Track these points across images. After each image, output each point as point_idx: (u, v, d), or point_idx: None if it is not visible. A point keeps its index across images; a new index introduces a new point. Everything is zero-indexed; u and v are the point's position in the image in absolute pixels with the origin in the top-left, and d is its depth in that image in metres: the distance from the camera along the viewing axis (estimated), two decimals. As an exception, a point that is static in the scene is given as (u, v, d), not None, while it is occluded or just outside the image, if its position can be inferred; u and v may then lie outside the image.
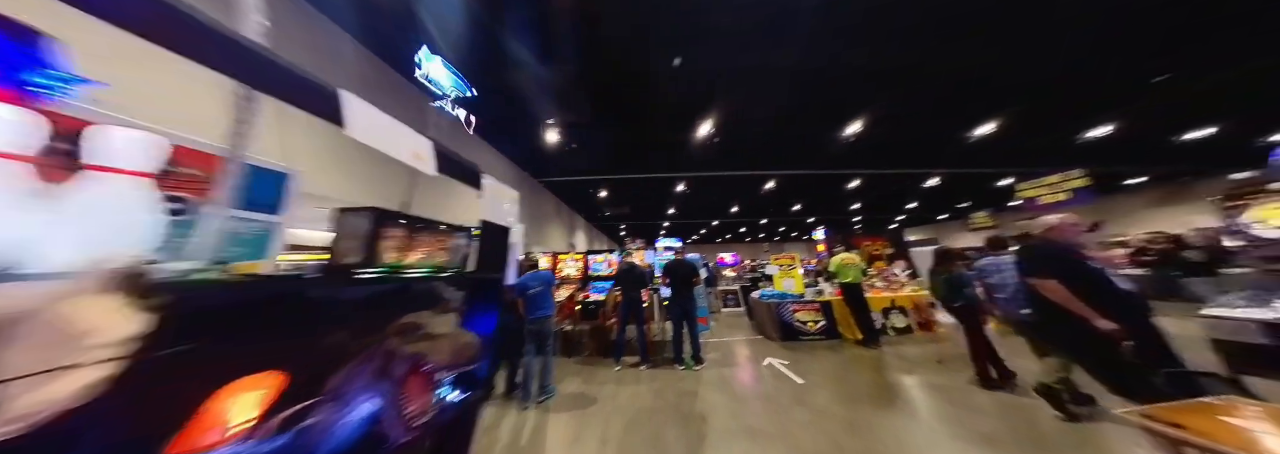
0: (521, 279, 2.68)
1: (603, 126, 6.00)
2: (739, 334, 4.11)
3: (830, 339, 3.64)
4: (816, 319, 3.73)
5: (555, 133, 6.07)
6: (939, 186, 9.90)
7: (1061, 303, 1.70)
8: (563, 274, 4.43)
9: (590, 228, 14.49)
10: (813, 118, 5.18)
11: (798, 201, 12.36)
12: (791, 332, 3.66)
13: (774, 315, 3.75)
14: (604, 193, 10.14)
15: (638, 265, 3.30)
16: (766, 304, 3.87)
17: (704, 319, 4.04)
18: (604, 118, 5.69)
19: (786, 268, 4.20)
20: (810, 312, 3.77)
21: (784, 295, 3.99)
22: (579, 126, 5.99)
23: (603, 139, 6.57)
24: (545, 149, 6.75)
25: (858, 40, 3.29)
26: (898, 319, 3.88)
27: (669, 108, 5.35)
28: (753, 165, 8.18)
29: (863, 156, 6.92)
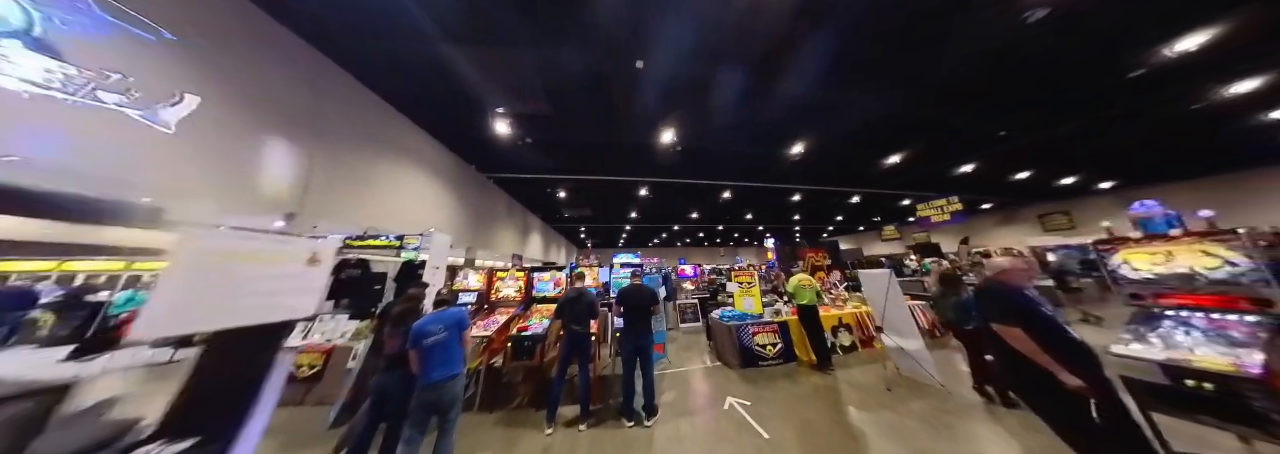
0: (419, 323, 1.91)
1: (562, 122, 5.24)
2: (697, 360, 3.72)
3: (787, 362, 3.43)
4: (774, 342, 3.50)
5: (506, 125, 5.15)
6: (859, 204, 11.12)
7: (1026, 353, 1.53)
8: (500, 295, 3.61)
9: (547, 230, 13.34)
10: (761, 136, 5.60)
11: (750, 211, 12.77)
12: (751, 357, 3.36)
13: (734, 339, 3.43)
14: (563, 194, 9.24)
15: (586, 293, 2.69)
16: (727, 326, 3.54)
17: (661, 346, 3.57)
18: (564, 114, 4.95)
19: (746, 286, 3.94)
20: (769, 334, 3.53)
21: (744, 316, 3.71)
22: (535, 120, 5.15)
23: (563, 137, 5.79)
24: (496, 142, 5.75)
25: (791, 76, 3.69)
26: (845, 337, 3.84)
27: (632, 111, 4.82)
28: (711, 175, 8.07)
29: (803, 174, 7.78)
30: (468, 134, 5.57)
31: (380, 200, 4.38)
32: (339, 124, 3.83)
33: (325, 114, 3.66)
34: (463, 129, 5.38)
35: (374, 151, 4.33)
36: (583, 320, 2.59)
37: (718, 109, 4.77)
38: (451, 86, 4.03)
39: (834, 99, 4.28)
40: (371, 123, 4.28)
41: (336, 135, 3.79)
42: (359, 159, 4.06)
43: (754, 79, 3.90)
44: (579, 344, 2.53)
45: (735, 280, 4.08)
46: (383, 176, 4.46)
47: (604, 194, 9.58)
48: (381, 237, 3.31)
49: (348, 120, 3.93)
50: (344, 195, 3.86)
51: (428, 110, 4.86)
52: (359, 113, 4.09)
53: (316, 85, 3.59)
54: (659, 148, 6.17)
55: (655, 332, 3.44)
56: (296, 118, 3.32)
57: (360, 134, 4.10)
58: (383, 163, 4.48)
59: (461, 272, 3.61)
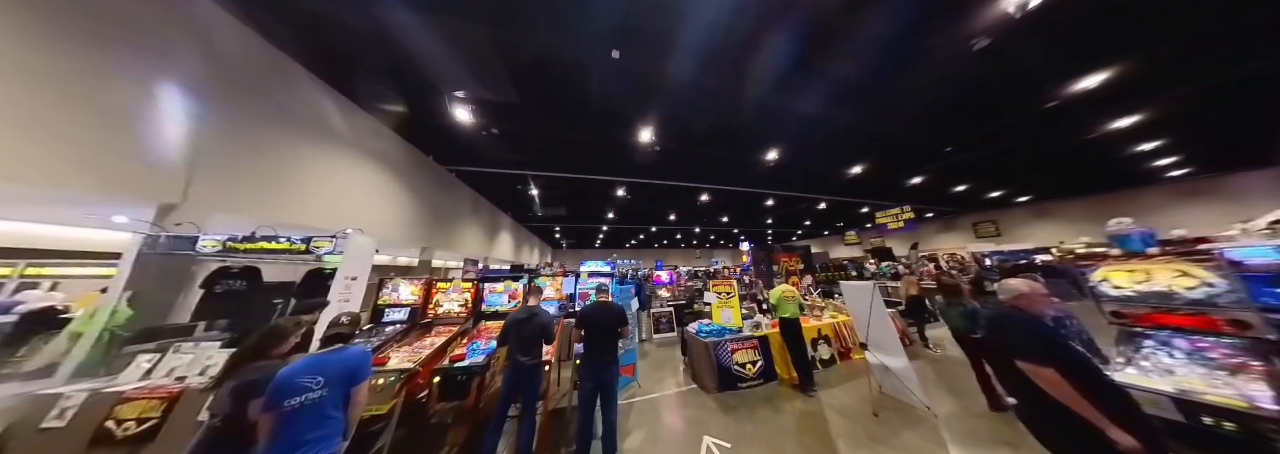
0: (287, 372, 1.26)
1: (532, 113, 4.57)
2: (670, 382, 3.27)
3: (768, 382, 3.09)
4: (754, 359, 3.15)
5: (468, 112, 4.37)
6: (825, 210, 11.54)
7: (1063, 400, 1.23)
8: (439, 311, 2.92)
9: (519, 230, 12.35)
10: (739, 141, 5.54)
11: (726, 214, 12.73)
12: (730, 379, 2.98)
13: (712, 358, 3.03)
14: (535, 191, 8.45)
15: (539, 313, 2.13)
16: (704, 343, 3.13)
17: (630, 368, 3.08)
18: (534, 104, 4.29)
19: (725, 296, 3.58)
20: (748, 350, 3.18)
21: (722, 331, 3.32)
22: (500, 109, 4.43)
23: (532, 129, 5.10)
24: (457, 132, 4.93)
25: (769, 84, 3.68)
26: (824, 350, 3.60)
27: (607, 105, 4.30)
28: (689, 177, 7.78)
29: (777, 180, 7.90)
30: (423, 120, 4.69)
31: (306, 193, 3.46)
32: (244, 95, 2.91)
33: (224, 81, 2.74)
34: (416, 114, 4.51)
35: (296, 133, 3.39)
36: (531, 348, 2.02)
37: (697, 110, 4.43)
38: (397, 61, 3.25)
39: (806, 110, 4.34)
40: (292, 98, 3.35)
41: (240, 110, 2.87)
42: (274, 141, 3.15)
43: (733, 83, 3.70)
44: (524, 379, 1.97)
45: (714, 290, 3.70)
46: (310, 164, 3.52)
47: (579, 193, 8.92)
48: (280, 238, 2.49)
49: (257, 92, 3.01)
50: (253, 185, 2.95)
51: (369, 87, 3.97)
52: (273, 84, 3.17)
53: (213, 42, 2.68)
54: (637, 147, 5.69)
55: (626, 350, 2.95)
56: (173, 75, 2.42)
57: (276, 111, 3.18)
58: (308, 148, 3.55)
59: (389, 283, 2.86)
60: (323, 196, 3.67)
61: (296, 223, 3.23)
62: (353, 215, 4.12)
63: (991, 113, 4.70)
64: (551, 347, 2.27)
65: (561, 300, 3.15)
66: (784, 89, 3.86)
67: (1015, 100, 4.36)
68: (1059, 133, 5.39)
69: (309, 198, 3.48)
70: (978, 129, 5.26)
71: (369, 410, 1.92)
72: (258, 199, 2.98)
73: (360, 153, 4.35)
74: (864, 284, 2.84)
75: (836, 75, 3.60)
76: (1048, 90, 4.07)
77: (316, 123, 3.66)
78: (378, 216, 4.80)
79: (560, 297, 3.17)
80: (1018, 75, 3.74)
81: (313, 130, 3.60)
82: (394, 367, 2.12)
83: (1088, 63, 3.52)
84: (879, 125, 5.01)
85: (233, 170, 2.80)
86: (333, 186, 3.83)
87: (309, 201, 3.47)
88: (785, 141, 5.66)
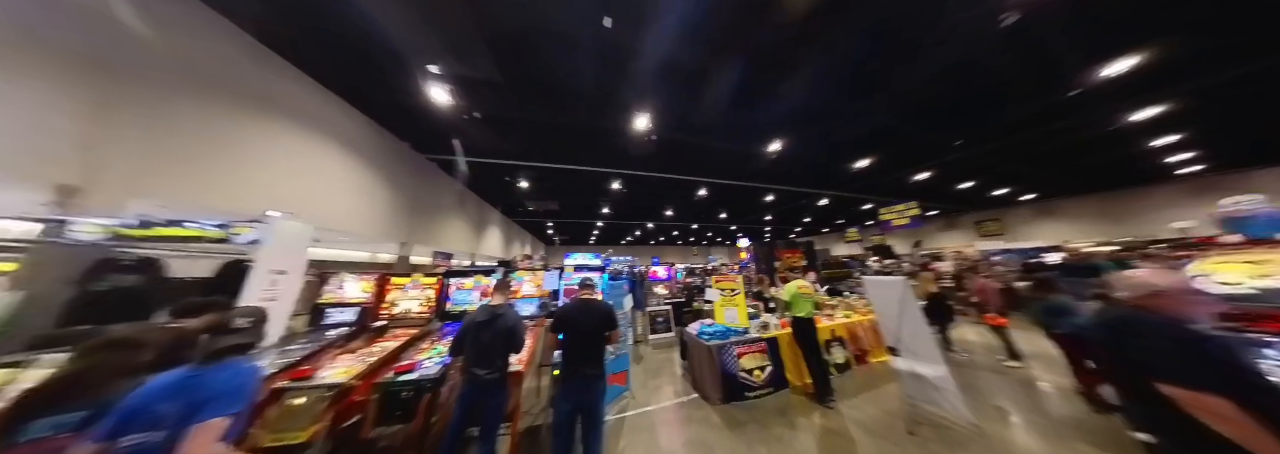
0: (138, 396, 0.80)
1: (517, 94, 4.08)
2: (667, 390, 2.85)
3: (778, 390, 2.69)
4: (763, 365, 2.74)
5: (446, 91, 3.87)
6: (827, 206, 11.20)
7: (1241, 443, 0.83)
8: (394, 311, 2.46)
9: (509, 225, 11.84)
10: (739, 132, 5.05)
11: (724, 210, 12.33)
12: (736, 387, 2.56)
13: (715, 364, 2.61)
14: (525, 183, 7.95)
15: (504, 314, 1.69)
16: (706, 346, 2.71)
17: (621, 376, 2.65)
18: (518, 83, 3.81)
19: (729, 294, 3.17)
20: (756, 354, 2.77)
21: (726, 332, 2.91)
22: (481, 88, 3.93)
23: (519, 113, 4.61)
24: (436, 115, 4.42)
25: (775, 67, 3.30)
26: (838, 353, 3.21)
27: (598, 87, 3.83)
28: (687, 170, 7.35)
29: (778, 174, 7.32)
30: (394, 99, 4.17)
31: (258, 181, 2.93)
32: (174, 67, 2.39)
33: (131, 42, 2.22)
34: (385, 91, 3.98)
35: (232, 106, 2.87)
36: (491, 358, 1.58)
37: (696, 96, 3.98)
38: (355, 26, 2.75)
39: (813, 96, 3.97)
40: (225, 64, 2.82)
41: (160, 78, 2.35)
42: (203, 116, 2.61)
43: (737, 67, 3.27)
44: (481, 397, 1.53)
45: (716, 287, 3.28)
46: (254, 145, 2.99)
47: (572, 186, 8.44)
48: (188, 223, 2.01)
49: (190, 63, 2.49)
50: (179, 166, 2.43)
51: (322, 56, 3.45)
52: (197, 44, 2.65)
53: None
54: (632, 135, 5.23)
55: (618, 355, 2.52)
56: (63, 28, 1.92)
57: (204, 78, 2.65)
58: (252, 125, 3.01)
59: (333, 278, 2.39)
60: (279, 185, 3.14)
61: (243, 212, 2.73)
62: (318, 206, 3.61)
63: (1009, 102, 4.31)
64: (521, 357, 1.83)
65: (543, 298, 2.71)
66: (792, 70, 3.42)
67: (1036, 88, 3.96)
68: (1076, 126, 5.02)
69: (262, 186, 2.96)
70: (993, 120, 4.87)
71: (281, 440, 1.48)
72: (192, 183, 2.47)
73: (324, 135, 3.82)
74: (892, 279, 2.44)
75: (847, 55, 3.17)
76: (1072, 77, 3.69)
77: (264, 98, 3.14)
78: (348, 208, 4.29)
79: (541, 294, 2.72)
80: (1042, 58, 3.35)
81: (259, 106, 3.08)
82: (319, 383, 1.67)
83: (1119, 44, 3.13)
84: (888, 114, 4.60)
85: (150, 148, 2.30)
86: (284, 171, 3.31)
87: (262, 190, 2.95)
88: (789, 132, 5.23)
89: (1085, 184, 9.27)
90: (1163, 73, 3.56)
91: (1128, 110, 4.55)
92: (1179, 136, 5.92)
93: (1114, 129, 5.22)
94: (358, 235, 4.80)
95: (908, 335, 2.30)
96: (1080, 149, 6.20)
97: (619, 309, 2.76)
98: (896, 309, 2.32)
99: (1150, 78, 3.67)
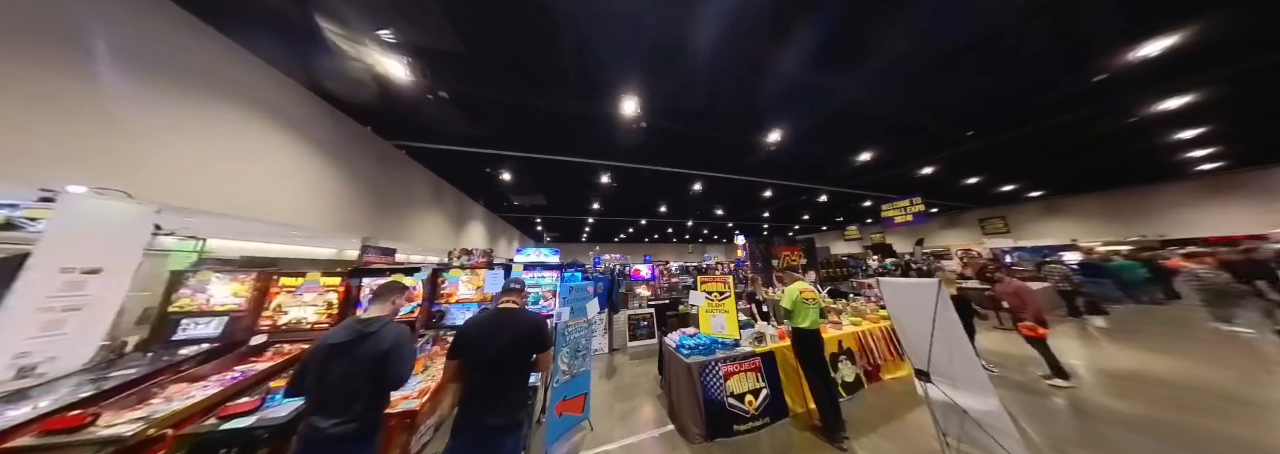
0: None
1: (486, 70, 3.46)
2: (640, 418, 2.28)
3: (775, 420, 2.14)
4: (757, 387, 2.18)
5: (402, 64, 3.25)
6: (826, 202, 10.70)
7: None
8: (283, 321, 1.88)
9: (495, 221, 11.24)
10: (736, 119, 4.51)
11: (720, 206, 11.79)
12: (722, 419, 2.00)
13: (695, 386, 2.06)
14: (507, 175, 7.35)
15: (378, 335, 1.12)
16: (686, 364, 2.16)
17: (578, 402, 2.08)
18: (486, 56, 3.20)
19: (716, 298, 2.61)
20: (748, 374, 2.21)
21: (711, 345, 2.35)
22: (443, 60, 3.31)
23: (490, 93, 3.99)
24: (397, 94, 3.81)
25: (773, 43, 2.82)
26: (846, 369, 2.66)
27: (581, 66, 3.24)
28: (681, 162, 6.78)
29: (776, 168, 6.82)
30: (342, 73, 3.52)
31: (176, 168, 2.27)
32: None
33: None
34: (331, 63, 3.31)
35: (152, 83, 2.22)
36: (345, 402, 1.01)
37: (689, 75, 3.39)
38: None
39: (817, 81, 3.49)
40: (140, 34, 2.16)
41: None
42: (79, 78, 1.97)
43: (735, 39, 2.70)
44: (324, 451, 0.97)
45: (702, 289, 2.72)
46: (161, 117, 2.34)
47: (559, 179, 7.85)
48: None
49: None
50: (51, 137, 1.79)
51: (251, 21, 2.76)
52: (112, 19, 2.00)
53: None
54: (620, 123, 4.64)
55: (576, 375, 1.97)
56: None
57: (122, 53, 2.01)
58: (159, 98, 2.37)
59: (194, 277, 1.81)
60: (203, 174, 2.47)
61: (175, 205, 2.09)
62: (247, 195, 2.97)
63: (1030, 88, 3.84)
64: (409, 391, 1.26)
65: (484, 304, 2.14)
66: (795, 52, 2.91)
67: (1059, 73, 3.49)
68: (1094, 116, 4.57)
69: (184, 175, 2.28)
70: (1008, 108, 4.37)
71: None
72: (70, 159, 1.80)
73: (256, 113, 3.15)
74: (920, 283, 1.89)
75: (856, 34, 2.70)
76: (1100, 58, 3.22)
77: (188, 72, 2.48)
78: (289, 198, 3.65)
79: (483, 298, 2.16)
80: (1070, 37, 2.89)
81: (176, 77, 2.42)
82: (91, 436, 1.10)
83: (1163, 17, 2.65)
84: (896, 103, 4.09)
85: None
86: (205, 156, 2.64)
87: (185, 179, 2.27)
88: (790, 121, 4.68)
89: (1095, 181, 8.84)
90: (1201, 55, 3.08)
91: (1153, 100, 4.16)
92: (1202, 130, 5.44)
93: (1134, 120, 4.76)
94: (304, 229, 4.20)
95: (944, 356, 1.75)
96: (1095, 141, 5.73)
97: (577, 317, 2.20)
98: (926, 321, 1.77)
99: (1185, 61, 3.20)
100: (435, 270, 2.10)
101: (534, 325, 1.31)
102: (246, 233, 4.05)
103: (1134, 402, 2.20)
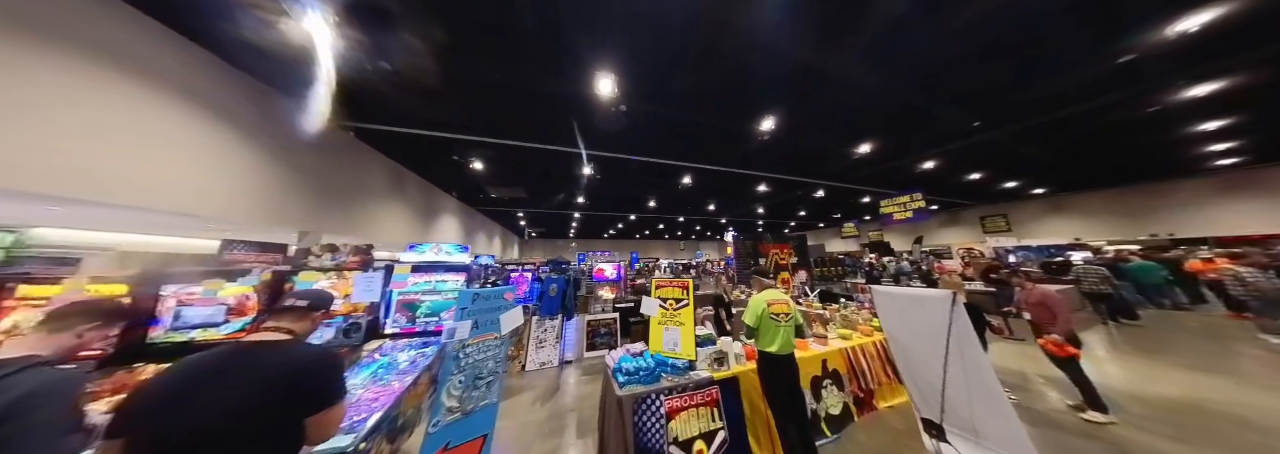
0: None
1: (437, 34, 2.81)
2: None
3: (732, 472, 1.63)
4: (712, 428, 1.65)
5: (328, 24, 2.60)
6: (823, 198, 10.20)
7: None
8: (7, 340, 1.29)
9: (470, 214, 10.63)
10: (728, 102, 3.94)
11: (712, 201, 11.25)
12: (656, 477, 1.50)
13: (625, 430, 1.54)
14: (480, 165, 6.75)
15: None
16: (618, 398, 1.63)
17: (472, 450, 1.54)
18: (431, 16, 2.55)
19: (671, 307, 2.08)
20: (701, 410, 1.68)
21: (655, 368, 1.82)
22: (380, 19, 2.67)
23: (445, 67, 3.34)
24: (338, 69, 3.19)
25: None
26: (831, 398, 2.15)
27: (542, 32, 2.62)
28: (667, 153, 6.21)
29: (771, 160, 6.35)
30: (246, 31, 2.85)
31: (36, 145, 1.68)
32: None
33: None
34: (239, 23, 2.61)
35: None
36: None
37: (674, 50, 2.81)
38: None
39: (813, 60, 2.99)
40: None
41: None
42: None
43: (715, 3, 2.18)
44: None
45: (656, 295, 2.18)
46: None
47: (541, 170, 7.27)
48: None
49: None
50: None
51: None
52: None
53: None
54: (596, 105, 4.03)
55: (470, 411, 1.44)
56: None
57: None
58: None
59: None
60: (32, 144, 1.88)
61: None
62: (135, 179, 2.34)
63: (1047, 71, 3.36)
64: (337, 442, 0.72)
65: (353, 316, 1.59)
66: (790, 28, 2.43)
67: (1081, 52, 3.01)
68: (1112, 104, 4.10)
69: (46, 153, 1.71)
70: (1021, 93, 3.86)
71: None
72: None
73: (132, 76, 2.48)
74: (927, 294, 1.36)
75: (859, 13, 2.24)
76: (1131, 37, 2.77)
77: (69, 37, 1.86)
78: (193, 182, 3.00)
79: (351, 311, 1.60)
80: (1101, 8, 2.43)
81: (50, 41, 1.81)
82: None
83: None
84: (899, 86, 3.59)
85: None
86: (87, 131, 2.01)
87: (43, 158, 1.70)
88: (784, 105, 4.13)
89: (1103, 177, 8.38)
90: (1246, 31, 2.64)
91: (1182, 86, 3.70)
92: (1228, 121, 4.93)
93: (1156, 109, 4.29)
94: (219, 221, 3.59)
95: (961, 398, 1.22)
96: (1107, 133, 5.27)
97: (484, 332, 1.65)
98: (936, 348, 1.25)
99: (1227, 39, 2.75)
100: (278, 273, 1.54)
101: (299, 369, 0.76)
102: (126, 223, 3.41)
103: (1198, 447, 1.70)
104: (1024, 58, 3.08)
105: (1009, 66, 3.24)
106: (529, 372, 2.97)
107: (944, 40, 2.76)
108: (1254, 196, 7.19)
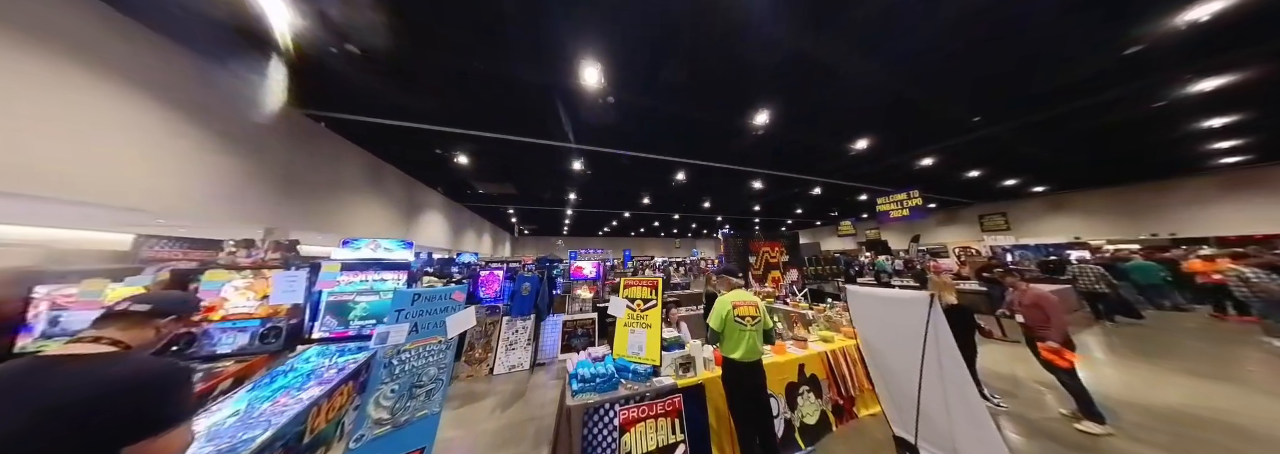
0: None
1: (405, 16, 2.61)
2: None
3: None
4: (671, 442, 1.52)
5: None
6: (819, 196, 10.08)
7: None
8: None
9: (458, 211, 10.45)
10: (720, 93, 3.80)
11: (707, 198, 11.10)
12: (603, 496, 1.37)
13: (573, 442, 1.41)
14: (464, 159, 6.56)
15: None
16: (568, 407, 1.49)
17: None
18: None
19: (639, 308, 1.94)
20: (659, 421, 1.55)
21: (616, 374, 1.69)
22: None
23: (417, 49, 3.13)
24: (298, 49, 2.99)
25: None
26: (808, 406, 2.02)
27: (519, 13, 2.43)
28: (658, 148, 6.04)
29: (766, 156, 6.28)
30: (215, 17, 2.59)
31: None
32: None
33: None
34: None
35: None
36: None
37: (663, 34, 2.63)
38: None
39: (809, 49, 2.84)
40: None
41: None
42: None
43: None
44: None
45: (623, 295, 2.04)
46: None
47: (531, 165, 7.10)
48: None
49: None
50: None
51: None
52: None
53: None
54: (582, 94, 3.84)
55: (403, 424, 1.30)
56: None
57: None
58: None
59: None
60: None
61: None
62: (74, 171, 2.14)
63: (1049, 64, 3.23)
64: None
65: (272, 319, 1.45)
66: (783, 12, 2.28)
67: (1086, 45, 2.88)
68: (1115, 100, 3.97)
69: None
70: (1023, 87, 3.73)
71: None
72: None
73: (61, 53, 2.27)
74: (903, 296, 1.22)
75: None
76: (1139, 26, 2.63)
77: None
78: (146, 177, 2.78)
79: (269, 313, 1.46)
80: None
81: None
82: None
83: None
84: (899, 80, 3.46)
85: None
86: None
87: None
88: (779, 99, 3.98)
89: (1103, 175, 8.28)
90: (1263, 19, 2.48)
91: (1189, 79, 3.57)
92: (1235, 118, 4.80)
93: (1161, 104, 4.17)
94: (172, 216, 3.40)
95: (938, 408, 1.09)
96: (1110, 130, 5.15)
97: (425, 336, 1.51)
98: (911, 354, 1.11)
99: (1240, 28, 2.58)
100: (177, 272, 1.39)
101: (110, 391, 0.63)
102: (61, 218, 3.16)
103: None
104: (1029, 47, 2.92)
105: (1014, 57, 3.08)
106: (497, 375, 2.84)
107: (944, 29, 2.60)
108: (1259, 196, 7.10)
